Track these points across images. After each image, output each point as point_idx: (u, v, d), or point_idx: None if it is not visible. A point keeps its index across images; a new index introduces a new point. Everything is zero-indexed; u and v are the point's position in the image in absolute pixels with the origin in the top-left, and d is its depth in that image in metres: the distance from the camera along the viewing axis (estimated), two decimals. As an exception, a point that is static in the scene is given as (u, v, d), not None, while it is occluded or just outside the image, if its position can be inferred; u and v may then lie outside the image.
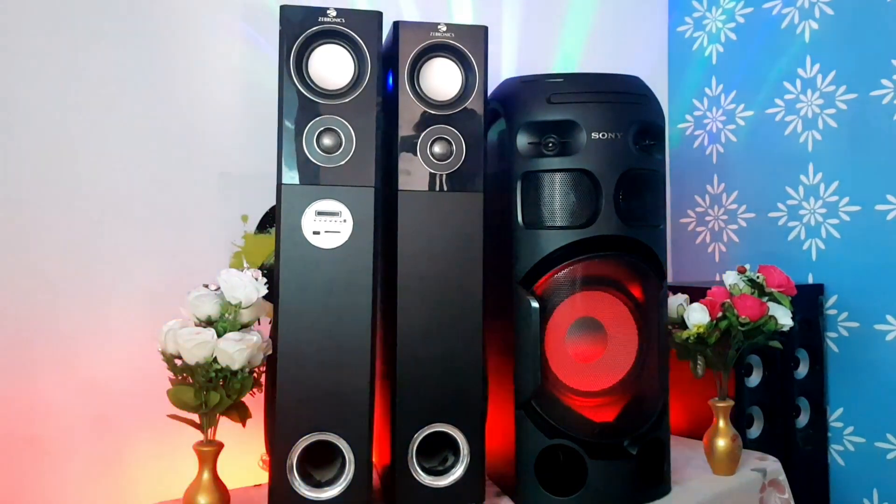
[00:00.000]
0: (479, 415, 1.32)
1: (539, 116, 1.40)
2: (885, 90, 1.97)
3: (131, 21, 1.49)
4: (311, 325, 1.22)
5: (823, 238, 2.08)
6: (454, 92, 1.31)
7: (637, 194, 1.43)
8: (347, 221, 1.24)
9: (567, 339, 1.40)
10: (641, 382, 1.44)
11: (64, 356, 1.40)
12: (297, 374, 1.22)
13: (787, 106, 2.17)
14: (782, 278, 1.63)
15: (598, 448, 1.40)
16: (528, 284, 1.39)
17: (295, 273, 1.23)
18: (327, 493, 1.22)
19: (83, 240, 1.43)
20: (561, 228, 1.39)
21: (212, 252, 1.57)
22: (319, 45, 1.24)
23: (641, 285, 1.44)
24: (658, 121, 1.49)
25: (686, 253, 2.41)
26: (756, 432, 1.92)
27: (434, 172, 1.31)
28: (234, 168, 1.60)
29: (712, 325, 1.54)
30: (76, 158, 1.43)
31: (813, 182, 2.11)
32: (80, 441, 1.41)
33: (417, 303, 1.30)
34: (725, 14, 2.33)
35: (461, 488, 1.30)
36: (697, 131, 2.40)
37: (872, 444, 1.98)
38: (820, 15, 2.11)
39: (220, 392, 1.15)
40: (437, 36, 1.30)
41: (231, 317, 1.19)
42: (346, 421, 1.23)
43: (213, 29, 1.60)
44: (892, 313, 1.95)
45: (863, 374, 2.00)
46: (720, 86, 2.34)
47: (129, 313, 1.46)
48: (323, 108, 1.24)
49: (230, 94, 1.62)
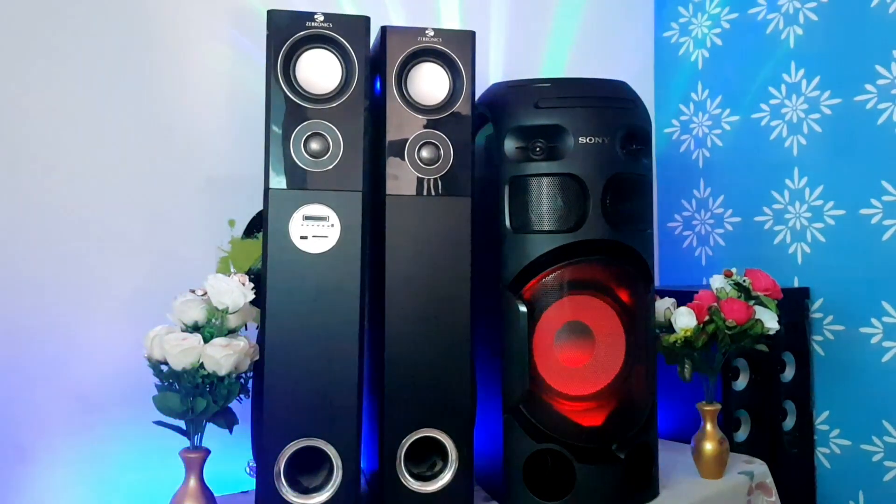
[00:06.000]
0: (467, 419, 1.32)
1: (526, 121, 1.41)
2: (869, 95, 1.99)
3: (118, 25, 1.48)
4: (299, 330, 1.22)
5: (809, 242, 2.10)
6: (442, 97, 1.31)
7: (624, 198, 1.44)
8: (335, 226, 1.24)
9: (555, 343, 1.41)
10: (629, 386, 1.44)
11: (49, 362, 1.38)
12: (285, 379, 1.21)
13: (772, 111, 2.19)
14: (768, 282, 1.64)
15: (587, 452, 1.40)
16: (515, 289, 1.39)
17: (282, 278, 1.22)
18: (315, 499, 1.22)
19: (69, 244, 1.42)
20: (548, 233, 1.40)
21: (198, 257, 1.56)
22: (307, 49, 1.24)
23: (629, 289, 1.45)
24: (645, 125, 1.49)
25: (673, 257, 2.42)
26: (743, 435, 1.93)
27: (422, 177, 1.30)
28: (221, 172, 1.59)
29: (699, 329, 1.54)
30: (62, 162, 1.42)
31: (798, 186, 2.12)
32: (66, 447, 1.40)
33: (405, 307, 1.29)
34: (711, 20, 2.34)
35: (450, 493, 1.30)
36: (684, 136, 2.41)
37: (858, 446, 1.99)
38: (804, 21, 2.12)
39: (206, 398, 1.15)
40: (425, 41, 1.30)
41: (218, 322, 1.18)
42: (333, 426, 1.22)
43: (200, 33, 1.59)
44: (876, 316, 1.97)
45: (848, 377, 2.01)
46: (706, 91, 2.35)
47: (115, 319, 1.45)
48: (310, 112, 1.23)
49: (217, 98, 1.61)
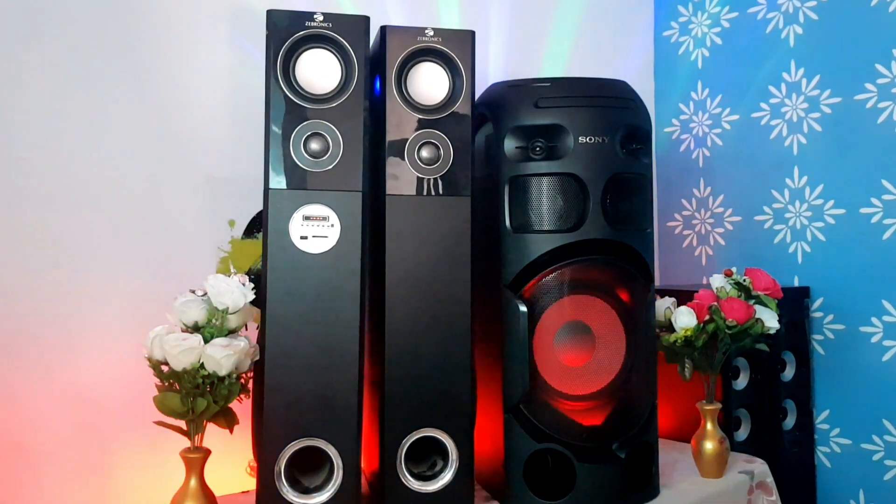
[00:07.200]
0: (467, 419, 1.32)
1: (526, 121, 1.41)
2: (869, 94, 1.99)
3: (117, 25, 1.48)
4: (299, 330, 1.22)
5: (809, 241, 2.10)
6: (442, 96, 1.31)
7: (624, 198, 1.44)
8: (335, 226, 1.24)
9: (555, 343, 1.40)
10: (629, 386, 1.44)
11: (49, 362, 1.38)
12: (285, 379, 1.21)
13: (772, 110, 2.19)
14: (768, 281, 1.64)
15: (587, 452, 1.40)
16: (516, 288, 1.39)
17: (282, 278, 1.22)
18: (315, 499, 1.22)
19: (68, 245, 1.42)
20: (548, 232, 1.40)
21: (198, 257, 1.56)
22: (306, 49, 1.24)
23: (629, 289, 1.45)
24: (645, 125, 1.49)
25: (673, 256, 2.42)
26: (743, 435, 1.93)
27: (422, 177, 1.30)
28: (221, 172, 1.59)
29: (699, 329, 1.54)
30: (60, 163, 1.41)
31: (798, 185, 2.12)
32: (66, 448, 1.40)
33: (405, 307, 1.29)
34: (711, 19, 2.34)
35: (450, 493, 1.29)
36: (684, 135, 2.41)
37: (858, 445, 1.99)
38: (804, 20, 2.12)
39: (207, 398, 1.15)
40: (425, 40, 1.30)
41: (218, 322, 1.18)
42: (334, 426, 1.22)
43: (199, 33, 1.59)
44: (877, 315, 1.97)
45: (849, 376, 2.01)
46: (706, 90, 2.35)
47: (115, 319, 1.45)
48: (310, 112, 1.23)
49: (217, 98, 1.61)
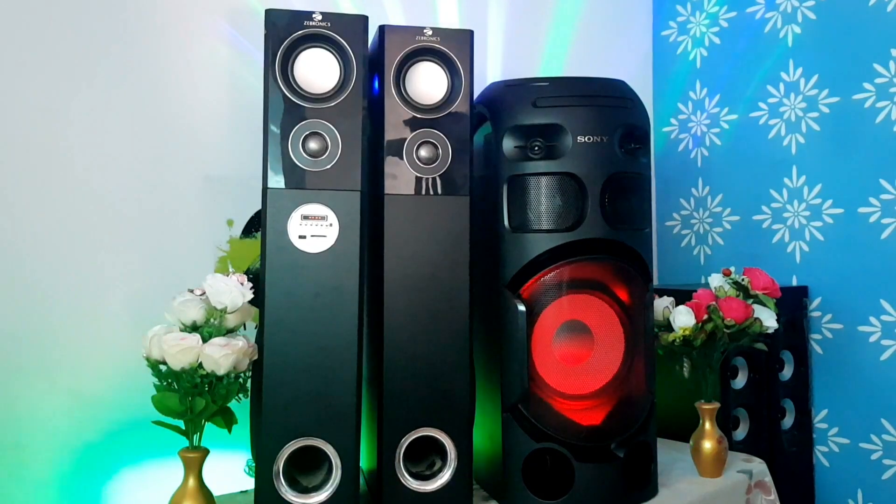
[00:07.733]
0: (466, 419, 1.32)
1: (525, 120, 1.41)
2: (867, 93, 1.99)
3: (116, 24, 1.48)
4: (297, 329, 1.22)
5: (807, 240, 2.10)
6: (440, 96, 1.31)
7: (623, 197, 1.44)
8: (333, 226, 1.24)
9: (554, 342, 1.40)
10: (628, 385, 1.44)
11: (47, 361, 1.38)
12: (284, 378, 1.21)
13: (770, 109, 2.19)
14: (767, 280, 1.64)
15: (586, 451, 1.40)
16: (514, 288, 1.39)
17: (281, 277, 1.22)
18: (314, 498, 1.22)
19: (66, 245, 1.42)
20: (547, 232, 1.40)
21: (197, 257, 1.56)
22: (305, 48, 1.24)
23: (628, 288, 1.45)
24: (643, 124, 1.49)
25: (672, 256, 2.42)
26: (742, 434, 1.93)
27: (420, 176, 1.30)
28: (220, 172, 1.59)
29: (698, 328, 1.55)
30: (57, 163, 1.41)
31: (796, 185, 2.13)
32: (65, 447, 1.40)
33: (404, 307, 1.29)
34: (709, 18, 2.34)
35: (448, 492, 1.29)
36: (682, 135, 2.41)
37: (857, 444, 2.00)
38: (802, 19, 2.12)
39: (205, 398, 1.15)
40: (423, 40, 1.30)
41: (216, 322, 1.18)
42: (332, 426, 1.22)
43: (198, 32, 1.59)
44: (875, 315, 1.97)
45: (847, 376, 2.01)
46: (704, 89, 2.35)
47: (114, 318, 1.45)
48: (309, 111, 1.23)
49: (215, 97, 1.61)
